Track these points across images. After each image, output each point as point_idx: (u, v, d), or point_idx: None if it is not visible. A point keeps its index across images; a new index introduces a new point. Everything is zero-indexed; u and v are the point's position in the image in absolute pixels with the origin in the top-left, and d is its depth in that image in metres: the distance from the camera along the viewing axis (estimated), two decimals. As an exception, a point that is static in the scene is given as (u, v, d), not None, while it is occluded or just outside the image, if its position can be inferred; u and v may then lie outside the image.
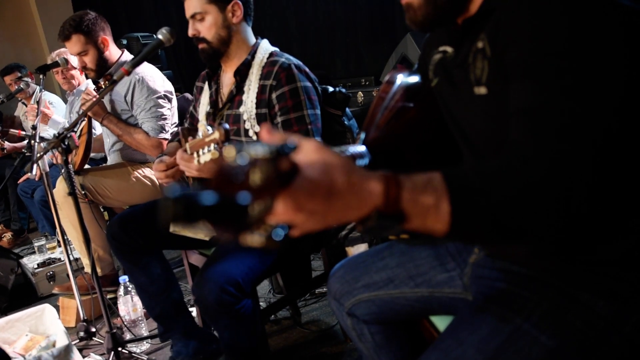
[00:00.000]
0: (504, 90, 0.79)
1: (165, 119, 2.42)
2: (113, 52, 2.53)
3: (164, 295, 1.84)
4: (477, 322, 0.84)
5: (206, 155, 1.28)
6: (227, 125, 1.31)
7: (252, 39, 1.77)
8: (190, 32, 1.71)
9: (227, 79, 1.81)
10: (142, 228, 1.79)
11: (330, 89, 1.81)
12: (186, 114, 2.05)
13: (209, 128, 1.29)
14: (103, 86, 2.25)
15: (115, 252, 1.84)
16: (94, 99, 2.30)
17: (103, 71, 2.48)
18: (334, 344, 2.01)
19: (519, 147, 0.71)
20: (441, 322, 1.13)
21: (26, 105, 4.18)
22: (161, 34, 1.65)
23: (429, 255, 1.12)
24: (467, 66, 0.88)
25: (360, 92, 3.49)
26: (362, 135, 1.01)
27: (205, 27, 1.68)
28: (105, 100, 2.50)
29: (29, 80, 3.14)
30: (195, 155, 1.34)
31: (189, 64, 5.12)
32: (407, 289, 1.13)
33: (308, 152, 0.61)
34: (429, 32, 1.04)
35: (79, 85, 3.40)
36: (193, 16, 1.68)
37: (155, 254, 1.85)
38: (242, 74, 1.72)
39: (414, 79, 1.09)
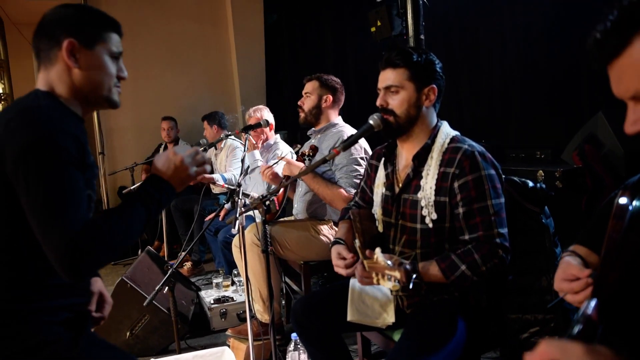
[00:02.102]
0: None
1: (361, 178, 2.57)
2: (330, 114, 2.85)
3: None
4: None
5: (387, 283, 1.39)
6: (407, 266, 1.38)
7: (435, 122, 1.77)
8: (379, 102, 1.73)
9: (404, 161, 1.81)
10: (324, 314, 1.84)
11: (530, 184, 1.76)
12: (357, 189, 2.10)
13: (389, 262, 1.38)
14: (307, 153, 2.49)
15: (298, 334, 1.92)
16: (302, 167, 2.57)
17: (310, 119, 2.85)
18: None
19: None
20: None
21: (216, 149, 4.72)
22: (372, 120, 1.73)
23: None
24: None
25: (540, 171, 3.31)
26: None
27: (397, 101, 1.70)
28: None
29: (227, 132, 3.56)
30: (374, 275, 1.43)
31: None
32: None
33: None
34: None
35: (266, 139, 3.75)
36: (388, 88, 1.71)
37: (335, 337, 1.88)
38: (420, 158, 1.71)
39: None
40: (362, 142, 2.71)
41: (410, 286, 1.38)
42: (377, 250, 1.42)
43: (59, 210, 1.11)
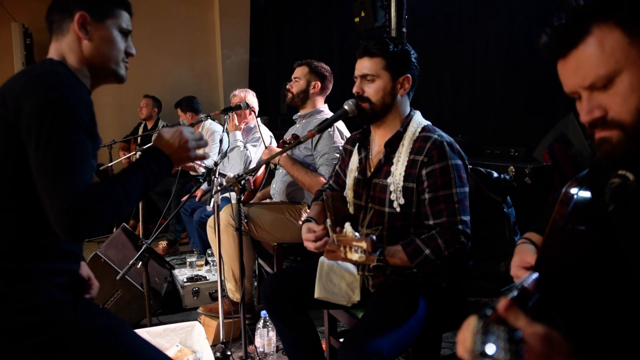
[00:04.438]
0: None
1: None
2: (317, 100, 2.92)
3: (306, 352, 1.94)
4: None
5: (354, 255, 1.45)
6: (374, 237, 1.43)
7: (408, 110, 1.84)
8: (356, 90, 1.79)
9: (377, 147, 1.87)
10: (292, 290, 1.90)
11: (495, 174, 1.84)
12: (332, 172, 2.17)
13: (357, 234, 1.45)
14: (288, 141, 2.56)
15: (267, 309, 1.97)
16: (277, 150, 2.61)
17: (297, 102, 2.91)
18: None
19: None
20: None
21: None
22: (347, 105, 1.80)
23: None
24: None
25: (511, 167, 3.41)
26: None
27: (373, 89, 1.76)
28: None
29: (205, 114, 3.59)
30: (342, 248, 1.49)
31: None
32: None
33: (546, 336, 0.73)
34: (620, 168, 0.98)
35: (246, 123, 3.78)
36: (364, 76, 1.77)
37: (302, 314, 1.94)
38: (392, 145, 1.78)
39: (586, 195, 1.04)
40: (344, 130, 2.77)
41: (377, 254, 1.44)
42: (347, 224, 1.49)
43: (66, 170, 1.15)
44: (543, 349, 0.74)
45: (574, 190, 1.07)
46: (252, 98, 3.70)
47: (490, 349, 0.63)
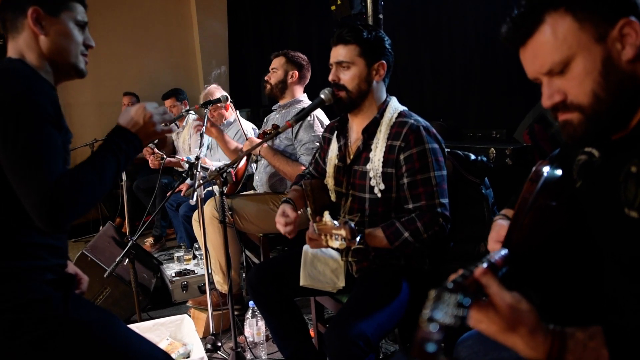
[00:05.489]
0: None
1: None
2: (295, 89, 2.91)
3: (295, 340, 1.97)
4: None
5: (335, 243, 1.50)
6: (352, 224, 1.46)
7: (384, 97, 1.85)
8: (331, 77, 1.80)
9: (355, 134, 1.89)
10: (277, 279, 1.93)
11: (472, 157, 1.87)
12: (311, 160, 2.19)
13: (335, 223, 1.48)
14: (268, 132, 2.56)
15: (254, 299, 2.00)
16: (258, 141, 2.60)
17: (276, 92, 2.91)
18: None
19: None
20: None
21: (177, 127, 4.71)
22: (323, 94, 1.81)
23: None
24: (618, 183, 0.89)
25: (492, 149, 3.45)
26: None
27: (349, 77, 1.77)
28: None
29: (187, 108, 3.57)
30: (323, 237, 1.53)
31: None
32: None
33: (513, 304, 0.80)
34: (584, 147, 1.04)
35: (226, 118, 3.77)
36: (339, 63, 1.78)
37: (288, 302, 1.97)
38: (369, 131, 1.80)
39: (557, 172, 1.07)
40: (324, 119, 2.78)
41: (357, 239, 1.47)
42: (326, 213, 1.51)
43: (36, 163, 1.15)
44: (509, 315, 0.78)
45: (544, 169, 1.10)
46: (220, 93, 3.65)
47: (437, 314, 0.71)
